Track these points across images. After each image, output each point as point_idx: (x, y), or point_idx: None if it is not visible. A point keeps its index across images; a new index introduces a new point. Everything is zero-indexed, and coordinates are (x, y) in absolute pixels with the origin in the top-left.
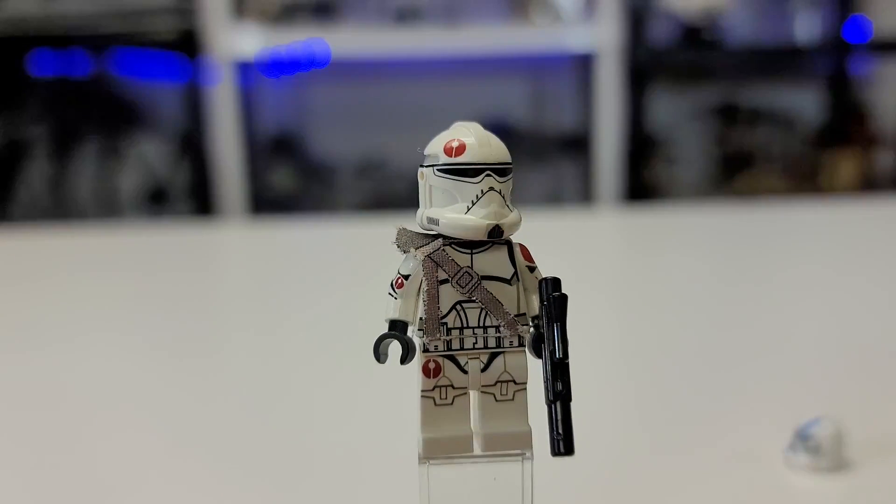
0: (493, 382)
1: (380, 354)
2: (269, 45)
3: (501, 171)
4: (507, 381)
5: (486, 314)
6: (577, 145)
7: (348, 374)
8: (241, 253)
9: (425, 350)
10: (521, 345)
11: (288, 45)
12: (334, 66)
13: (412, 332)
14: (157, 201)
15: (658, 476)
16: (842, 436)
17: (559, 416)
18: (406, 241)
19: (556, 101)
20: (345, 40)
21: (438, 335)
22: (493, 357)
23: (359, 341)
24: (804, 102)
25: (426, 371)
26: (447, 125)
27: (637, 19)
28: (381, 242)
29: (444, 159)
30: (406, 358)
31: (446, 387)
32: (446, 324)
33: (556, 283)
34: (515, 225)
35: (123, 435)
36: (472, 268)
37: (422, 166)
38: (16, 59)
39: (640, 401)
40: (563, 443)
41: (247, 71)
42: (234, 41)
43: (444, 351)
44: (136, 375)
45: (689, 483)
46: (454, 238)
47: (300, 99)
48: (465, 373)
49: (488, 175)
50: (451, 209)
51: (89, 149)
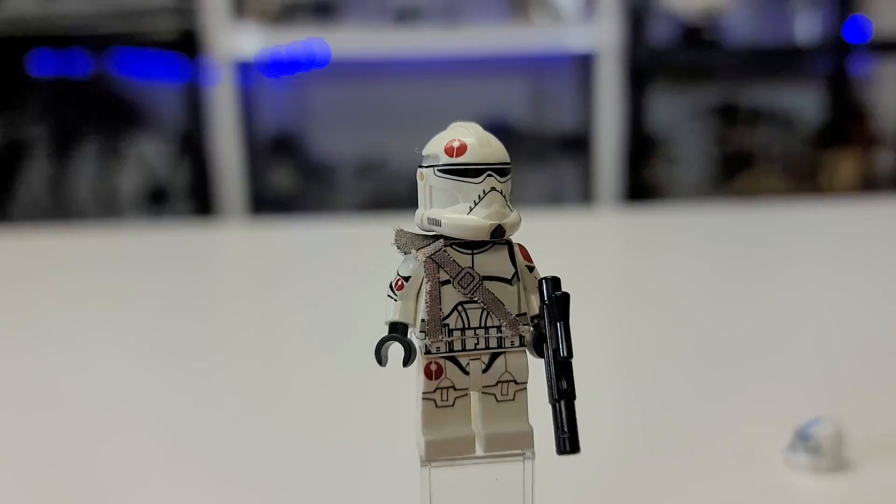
0: (494, 383)
1: (381, 358)
2: (269, 45)
3: (502, 171)
4: (508, 381)
5: (488, 314)
6: (577, 145)
7: (348, 375)
8: (241, 253)
9: (427, 352)
10: (522, 344)
11: (288, 45)
12: (334, 66)
13: (412, 333)
14: (157, 201)
15: (658, 476)
16: (842, 436)
17: (564, 415)
18: (406, 243)
19: (556, 101)
20: (345, 40)
21: (441, 336)
22: (494, 357)
23: (358, 341)
24: (804, 102)
25: (428, 373)
26: (447, 125)
27: (637, 19)
28: (381, 243)
29: (445, 159)
30: (408, 360)
31: (447, 388)
32: (448, 325)
33: (556, 282)
34: (516, 225)
35: (123, 435)
36: (473, 268)
37: (421, 167)
38: (16, 59)
39: (640, 401)
40: (569, 441)
41: (247, 71)
42: (234, 41)
43: (446, 352)
44: (136, 375)
45: (689, 483)
46: (455, 239)
47: (300, 99)
48: (467, 374)
49: (489, 175)
50: (453, 210)
51: (89, 149)
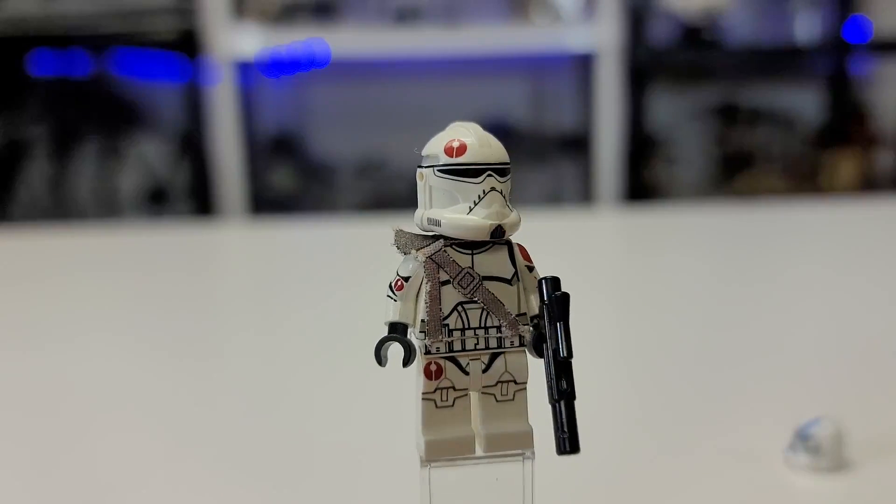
0: (493, 383)
1: (381, 358)
2: (269, 45)
3: (501, 171)
4: (508, 382)
5: (488, 315)
6: (577, 145)
7: (348, 374)
8: (241, 253)
9: (427, 352)
10: (522, 344)
11: (288, 45)
12: (334, 66)
13: (412, 334)
14: (157, 201)
15: (658, 476)
16: (842, 436)
17: (564, 415)
18: (406, 243)
19: (556, 101)
20: (345, 40)
21: (441, 337)
22: (494, 357)
23: (358, 341)
24: (804, 102)
25: (428, 373)
26: (447, 125)
27: (637, 19)
28: (380, 243)
29: (445, 160)
30: (408, 360)
31: (447, 389)
32: (448, 325)
33: (555, 282)
34: (516, 225)
35: (123, 435)
36: (473, 268)
37: (420, 167)
38: (16, 59)
39: (640, 401)
40: (569, 441)
41: (247, 71)
42: (234, 41)
43: (446, 352)
44: (136, 375)
45: (689, 483)
46: (455, 239)
47: (300, 99)
48: (467, 374)
49: (489, 175)
50: (453, 210)
51: (89, 149)
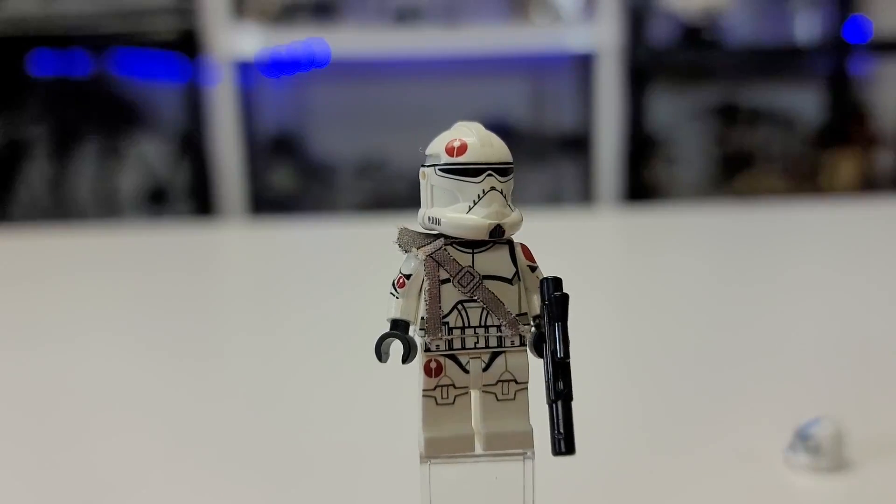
0: (494, 382)
1: (381, 354)
2: (269, 45)
3: (503, 170)
4: (509, 381)
5: (488, 314)
6: (577, 145)
7: (348, 374)
8: (241, 253)
9: (427, 349)
10: (523, 344)
11: (288, 45)
12: (334, 66)
13: (414, 331)
14: (157, 201)
15: (658, 476)
16: (842, 436)
17: (560, 416)
18: (407, 241)
19: (556, 101)
20: (345, 40)
21: (440, 334)
22: (494, 356)
23: (359, 341)
24: (804, 102)
25: (428, 370)
26: (447, 125)
27: (637, 19)
28: (381, 242)
29: (446, 159)
30: (408, 357)
31: (448, 386)
32: (448, 323)
33: (557, 282)
34: (517, 225)
35: (123, 435)
36: (473, 267)
37: (423, 166)
38: (16, 59)
39: (640, 401)
40: (565, 442)
41: (247, 71)
42: (234, 41)
43: (446, 350)
44: (135, 375)
45: (689, 483)
46: (456, 238)
47: (300, 99)
48: (467, 372)
49: (490, 175)
50: (453, 209)
51: (89, 149)
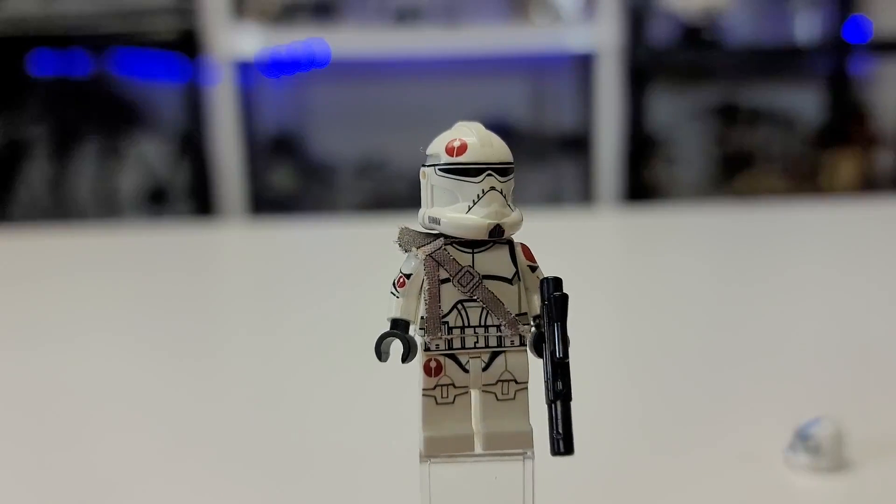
0: (494, 381)
1: (381, 353)
2: (269, 45)
3: (503, 170)
4: (509, 381)
5: (488, 313)
6: (577, 145)
7: (348, 374)
8: (241, 253)
9: (427, 349)
10: (523, 344)
11: (288, 45)
12: (334, 66)
13: (414, 330)
14: (157, 201)
15: (658, 476)
16: (842, 436)
17: (559, 416)
18: (408, 241)
19: (556, 101)
20: (345, 40)
21: (440, 334)
22: (494, 356)
23: (359, 341)
24: (804, 102)
25: (427, 370)
26: (447, 125)
27: (637, 19)
28: (381, 242)
29: (446, 159)
30: (407, 356)
31: (447, 385)
32: (448, 323)
33: (557, 282)
34: (517, 224)
35: (123, 435)
36: (473, 267)
37: (424, 166)
38: (16, 59)
39: (640, 401)
40: (563, 442)
41: (247, 71)
42: (234, 41)
43: (446, 350)
44: (135, 375)
45: (689, 483)
46: (456, 237)
47: (300, 99)
48: (467, 372)
49: (489, 175)
50: (453, 209)
51: (89, 149)
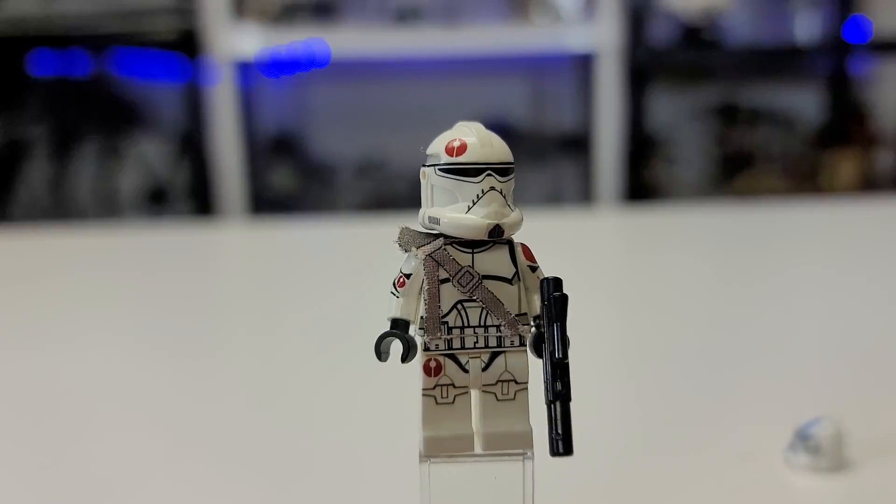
0: (493, 382)
1: (381, 353)
2: (269, 45)
3: (503, 170)
4: (509, 381)
5: (487, 313)
6: (577, 145)
7: (348, 374)
8: (241, 253)
9: (426, 349)
10: (523, 344)
11: (288, 45)
12: (334, 66)
13: (414, 330)
14: (157, 201)
15: (658, 476)
16: (842, 436)
17: (558, 417)
18: (408, 241)
19: (556, 101)
20: (345, 40)
21: (439, 334)
22: (494, 356)
23: (359, 341)
24: (804, 102)
25: (427, 370)
26: (447, 125)
27: (637, 19)
28: (381, 242)
29: (446, 159)
30: (407, 356)
31: (447, 385)
32: (447, 323)
33: (557, 282)
34: (517, 224)
35: (123, 435)
36: (473, 267)
37: (424, 166)
38: (16, 59)
39: (640, 401)
40: (562, 443)
41: (247, 71)
42: (234, 41)
43: (445, 350)
44: (135, 375)
45: (689, 483)
46: (455, 237)
47: (300, 99)
48: (466, 372)
49: (489, 175)
50: (452, 209)
51: (89, 149)
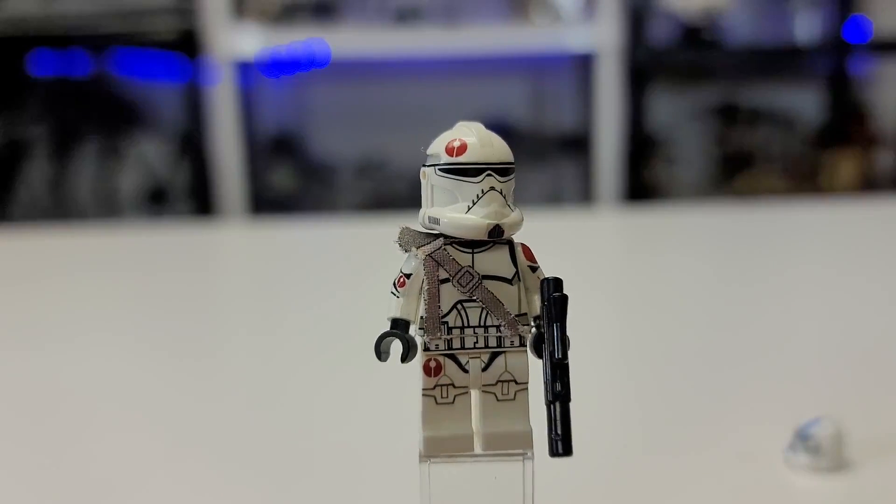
0: (493, 382)
1: (381, 353)
2: (269, 45)
3: (503, 170)
4: (508, 381)
5: (487, 314)
6: (577, 145)
7: (348, 374)
8: (241, 253)
9: (426, 349)
10: (523, 344)
11: (288, 45)
12: (334, 66)
13: (414, 330)
14: (157, 201)
15: (658, 476)
16: (842, 436)
17: (558, 417)
18: (408, 241)
19: (556, 101)
20: (345, 40)
21: (439, 334)
22: (494, 356)
23: (359, 341)
24: (804, 102)
25: (427, 370)
26: (447, 125)
27: (637, 19)
28: (381, 242)
29: (446, 159)
30: (407, 356)
31: (447, 385)
32: (447, 323)
33: (557, 283)
34: (517, 225)
35: (123, 435)
36: (473, 267)
37: (424, 166)
38: (16, 59)
39: (640, 401)
40: (562, 444)
41: (247, 71)
42: (234, 41)
43: (445, 350)
44: (135, 375)
45: (689, 483)
46: (455, 237)
47: (300, 99)
48: (466, 372)
49: (489, 175)
50: (452, 209)
51: (89, 149)
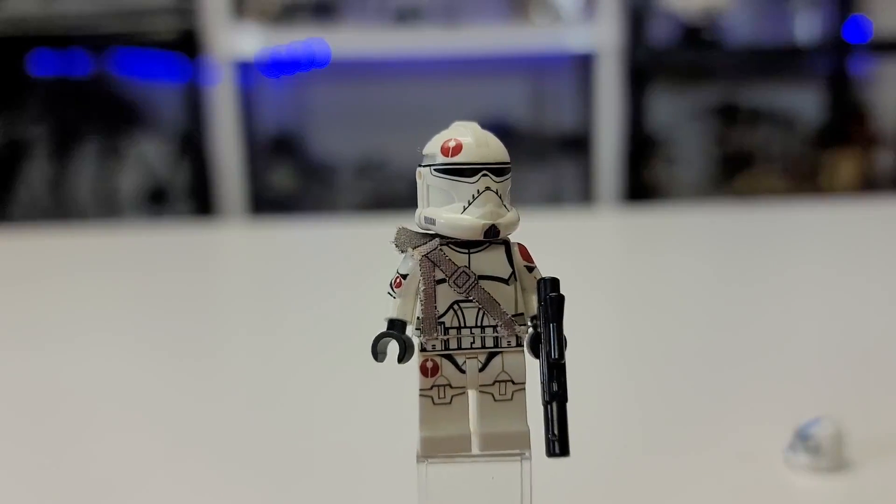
0: (491, 382)
1: (377, 353)
2: (269, 45)
3: (498, 170)
4: (506, 381)
5: (484, 314)
6: (577, 145)
7: (348, 374)
8: (241, 253)
9: (423, 349)
10: (520, 345)
11: (288, 45)
12: (334, 66)
13: (411, 331)
14: (157, 201)
15: (658, 476)
16: (842, 436)
17: (555, 417)
18: (404, 241)
19: (556, 101)
20: (345, 40)
21: (436, 334)
22: (491, 357)
23: (358, 341)
24: (804, 102)
25: (424, 370)
26: (447, 125)
27: (637, 19)
28: (381, 242)
29: (441, 159)
30: (403, 357)
31: (444, 386)
32: (444, 323)
33: (554, 283)
34: (513, 225)
35: (123, 435)
36: (469, 267)
37: (420, 166)
38: (16, 59)
39: (639, 401)
40: (559, 444)
41: (247, 71)
42: (234, 41)
43: (442, 350)
44: (136, 375)
45: (689, 483)
46: (451, 238)
47: (300, 99)
48: (463, 372)
49: (485, 175)
50: (448, 209)
51: (89, 149)
